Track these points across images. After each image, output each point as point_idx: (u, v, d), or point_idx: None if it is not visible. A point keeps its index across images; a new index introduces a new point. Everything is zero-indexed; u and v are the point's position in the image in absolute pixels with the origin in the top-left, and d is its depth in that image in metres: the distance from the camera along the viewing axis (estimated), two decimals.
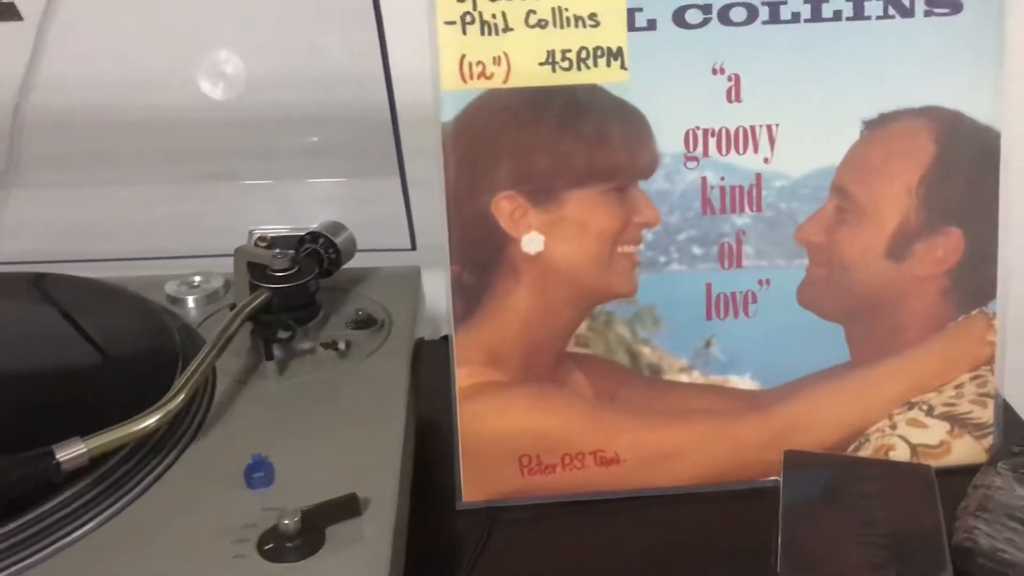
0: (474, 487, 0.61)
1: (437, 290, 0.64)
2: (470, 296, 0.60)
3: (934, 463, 0.62)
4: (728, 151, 0.60)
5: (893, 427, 0.63)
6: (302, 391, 0.59)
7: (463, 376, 0.61)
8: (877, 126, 0.60)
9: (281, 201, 0.79)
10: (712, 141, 0.60)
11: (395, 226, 0.75)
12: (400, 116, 0.73)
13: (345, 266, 0.71)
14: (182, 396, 0.53)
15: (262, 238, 0.74)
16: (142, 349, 0.61)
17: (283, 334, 0.60)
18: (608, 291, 0.61)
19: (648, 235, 0.60)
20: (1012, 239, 0.62)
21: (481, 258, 0.60)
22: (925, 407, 0.63)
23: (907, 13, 0.59)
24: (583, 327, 0.61)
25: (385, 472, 0.52)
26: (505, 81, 0.58)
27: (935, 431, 0.63)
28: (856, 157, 0.60)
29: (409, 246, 0.75)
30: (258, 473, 0.51)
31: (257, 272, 0.63)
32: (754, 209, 0.61)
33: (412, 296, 0.70)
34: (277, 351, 0.61)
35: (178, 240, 0.78)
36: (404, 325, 0.66)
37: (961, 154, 0.61)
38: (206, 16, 0.74)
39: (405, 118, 0.73)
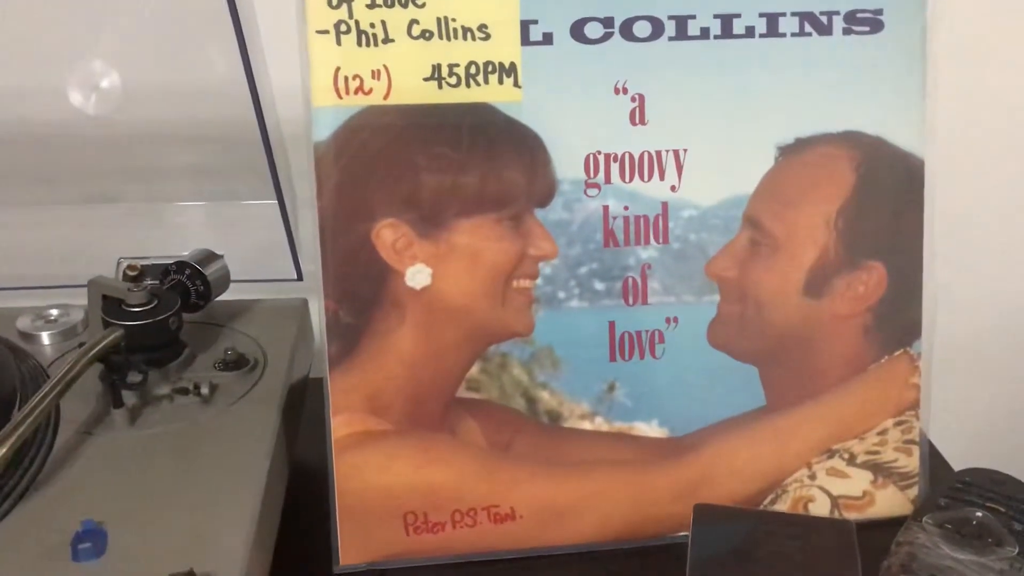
0: (353, 549, 0.55)
1: None
2: (347, 336, 0.54)
3: (856, 515, 0.58)
4: (632, 178, 0.55)
5: (812, 477, 0.58)
6: (154, 443, 0.53)
7: (340, 425, 0.55)
8: (793, 152, 0.56)
9: (158, 226, 0.72)
10: (615, 167, 0.55)
11: (280, 254, 0.69)
12: (285, 132, 0.67)
13: (225, 298, 0.65)
14: (3, 450, 0.47)
15: (132, 267, 0.67)
16: None
17: (134, 378, 0.54)
18: (502, 330, 0.56)
19: (545, 269, 0.55)
20: (937, 274, 0.58)
21: (360, 293, 0.54)
22: (846, 455, 0.58)
23: (825, 30, 0.55)
24: (475, 370, 0.56)
25: (235, 540, 0.46)
26: (386, 97, 0.53)
27: (857, 481, 0.59)
28: (770, 185, 0.56)
29: (294, 276, 0.69)
30: (85, 544, 0.44)
31: (112, 307, 0.57)
32: (660, 241, 0.56)
33: (293, 332, 0.64)
34: (129, 397, 0.54)
35: (42, 268, 0.71)
36: (280, 365, 0.60)
37: (883, 183, 0.57)
38: (77, 26, 0.67)
39: (290, 134, 0.67)
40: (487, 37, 0.53)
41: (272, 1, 0.56)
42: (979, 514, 0.55)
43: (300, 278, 0.69)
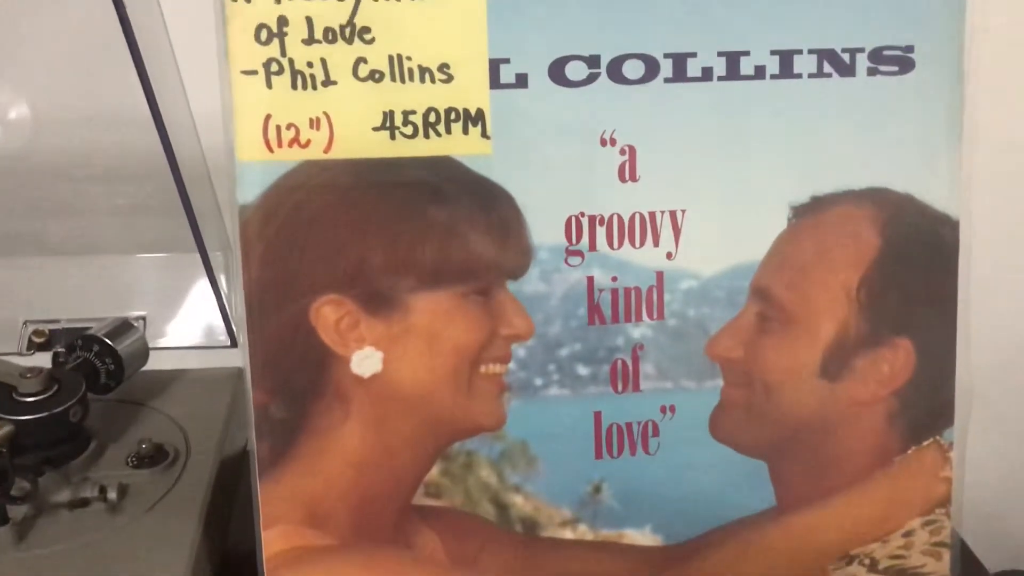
0: None
1: None
2: (281, 433, 0.45)
3: None
4: (621, 244, 0.47)
5: None
6: (47, 567, 0.44)
7: (273, 539, 0.46)
8: (809, 213, 0.48)
9: (72, 280, 0.63)
10: (601, 231, 0.47)
11: (211, 315, 0.60)
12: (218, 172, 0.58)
13: (146, 367, 0.56)
14: None
15: (38, 332, 0.58)
16: None
17: (20, 489, 0.44)
18: (467, 424, 0.47)
19: (519, 351, 0.47)
20: (973, 352, 0.50)
21: (296, 383, 0.45)
22: (867, 561, 0.51)
23: (847, 71, 0.47)
24: (435, 472, 0.47)
25: None
26: (327, 150, 0.44)
27: None
28: (782, 251, 0.48)
29: (227, 342, 0.60)
30: None
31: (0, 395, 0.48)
32: (654, 317, 0.48)
33: (223, 411, 0.55)
34: (16, 510, 0.45)
35: None
36: (205, 457, 0.51)
37: (912, 247, 0.49)
38: None
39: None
40: (449, 79, 0.44)
41: (190, 31, 0.48)
42: None
43: (234, 344, 0.60)
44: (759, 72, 0.47)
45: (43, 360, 0.58)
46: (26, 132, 0.60)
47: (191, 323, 0.61)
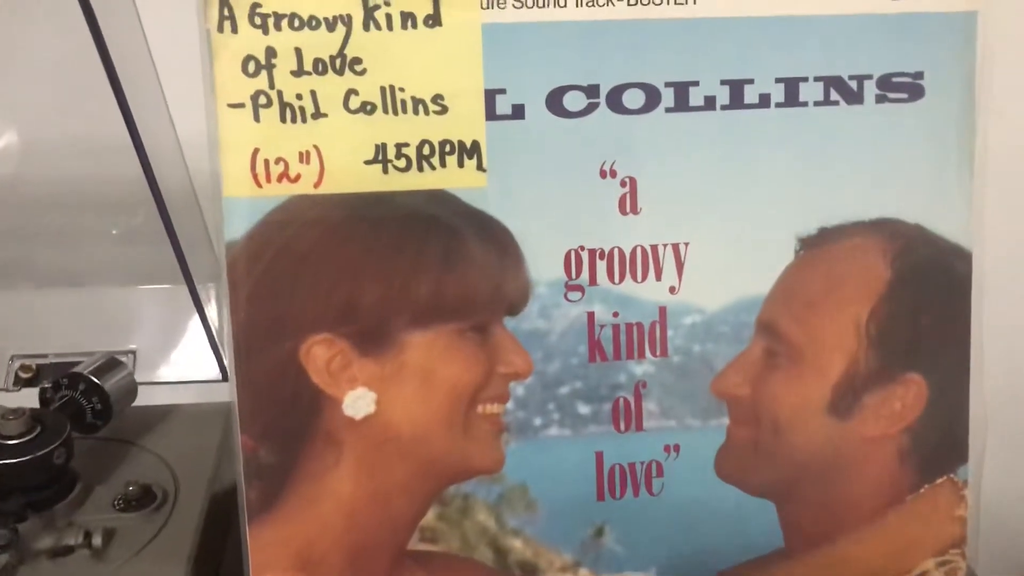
0: None
1: None
2: (271, 479, 0.44)
3: None
4: (622, 278, 0.45)
5: None
6: None
7: None
8: (816, 245, 0.47)
9: (60, 313, 0.61)
10: (601, 265, 0.45)
11: (200, 348, 0.58)
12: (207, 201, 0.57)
13: (136, 403, 0.55)
14: None
15: (25, 367, 0.57)
16: None
17: (1, 536, 0.43)
18: (464, 466, 0.46)
19: (518, 389, 0.45)
20: (987, 388, 0.48)
21: (286, 426, 0.44)
22: None
23: (854, 99, 0.46)
24: (431, 516, 0.45)
25: None
26: (317, 185, 0.42)
27: None
28: (789, 285, 0.47)
29: (217, 375, 0.58)
30: None
31: None
32: (658, 353, 0.46)
33: (214, 448, 0.53)
34: None
35: None
36: (195, 498, 0.50)
37: (923, 280, 0.48)
38: None
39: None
40: (444, 110, 0.43)
41: (177, 59, 0.46)
42: None
43: (225, 378, 0.59)
44: (764, 100, 0.45)
45: (30, 396, 0.57)
46: (13, 160, 0.59)
47: (182, 357, 0.59)
